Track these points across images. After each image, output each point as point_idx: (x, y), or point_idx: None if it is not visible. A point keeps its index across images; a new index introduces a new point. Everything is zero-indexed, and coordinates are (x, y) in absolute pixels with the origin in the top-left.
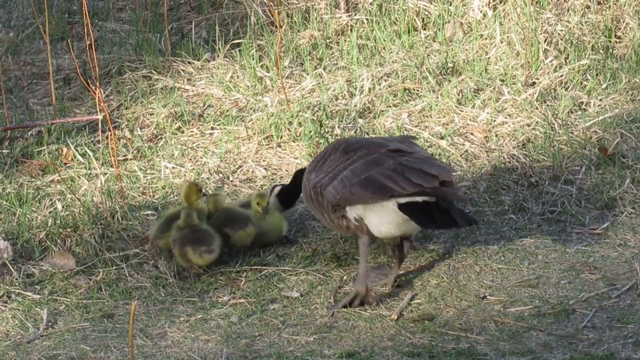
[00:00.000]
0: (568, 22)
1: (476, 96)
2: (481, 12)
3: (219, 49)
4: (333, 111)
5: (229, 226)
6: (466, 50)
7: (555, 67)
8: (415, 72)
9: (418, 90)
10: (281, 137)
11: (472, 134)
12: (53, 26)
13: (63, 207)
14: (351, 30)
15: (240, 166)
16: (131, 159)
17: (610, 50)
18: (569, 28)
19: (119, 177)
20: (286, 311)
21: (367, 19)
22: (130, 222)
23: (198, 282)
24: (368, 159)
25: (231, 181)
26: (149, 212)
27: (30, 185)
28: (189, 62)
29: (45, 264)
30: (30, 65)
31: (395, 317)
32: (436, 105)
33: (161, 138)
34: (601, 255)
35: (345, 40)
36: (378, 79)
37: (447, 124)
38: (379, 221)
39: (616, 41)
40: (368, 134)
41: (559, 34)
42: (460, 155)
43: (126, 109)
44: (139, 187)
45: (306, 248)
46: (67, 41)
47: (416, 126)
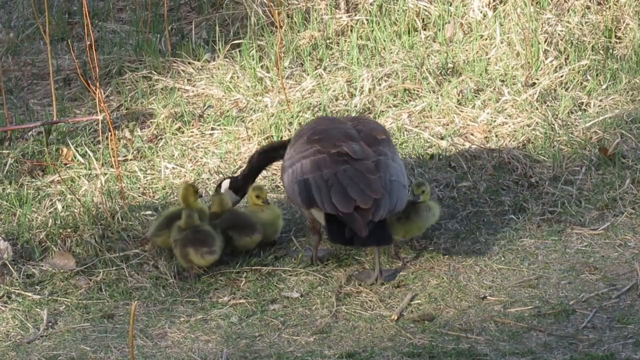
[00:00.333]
0: (568, 23)
1: (476, 96)
2: (481, 13)
3: (219, 50)
4: (333, 112)
5: (236, 231)
6: (466, 50)
7: (555, 68)
8: (415, 73)
9: (418, 90)
10: (281, 138)
11: (472, 135)
12: (53, 26)
13: (63, 208)
14: (351, 30)
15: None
16: (131, 160)
17: (610, 50)
18: (569, 28)
19: (119, 178)
20: (286, 311)
21: (367, 20)
22: (130, 223)
23: (198, 283)
24: (315, 159)
25: None
26: (149, 213)
27: (30, 185)
28: (189, 63)
29: (45, 265)
30: (30, 65)
31: (395, 318)
32: (436, 105)
33: (161, 138)
34: (601, 255)
35: (345, 40)
36: (378, 80)
37: (447, 125)
38: (316, 216)
39: (616, 41)
40: None
41: (559, 35)
42: (460, 155)
43: (126, 110)
44: (139, 188)
45: (305, 249)
46: (67, 41)
47: (416, 126)
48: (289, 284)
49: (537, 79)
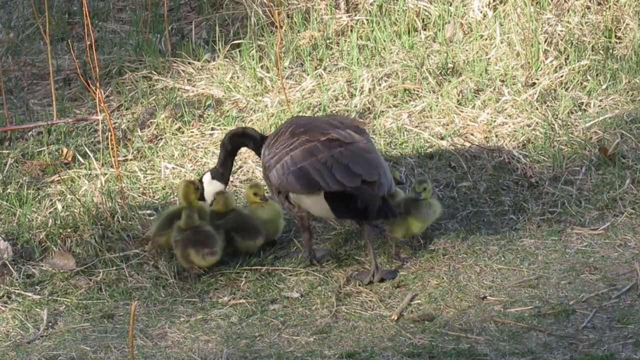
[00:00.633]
0: (568, 23)
1: (476, 97)
2: (481, 13)
3: (219, 50)
4: (333, 112)
5: (240, 234)
6: (466, 50)
7: (555, 68)
8: (415, 73)
9: (418, 90)
10: None
11: (472, 135)
12: (53, 27)
13: (63, 208)
14: (351, 30)
15: (240, 167)
16: (131, 160)
17: (610, 50)
18: (569, 28)
19: (119, 178)
20: (286, 311)
21: (367, 20)
22: (130, 223)
23: (198, 283)
24: (306, 147)
25: (231, 182)
26: (149, 213)
27: (30, 185)
28: (189, 63)
29: (45, 265)
30: (30, 65)
31: (395, 318)
32: (436, 105)
33: (161, 138)
34: (601, 255)
35: (345, 40)
36: (378, 80)
37: (448, 125)
38: (311, 205)
39: (616, 42)
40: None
41: (559, 35)
42: (460, 155)
43: (126, 110)
44: (139, 188)
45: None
46: (67, 41)
47: (416, 127)
48: (289, 284)
49: (537, 79)
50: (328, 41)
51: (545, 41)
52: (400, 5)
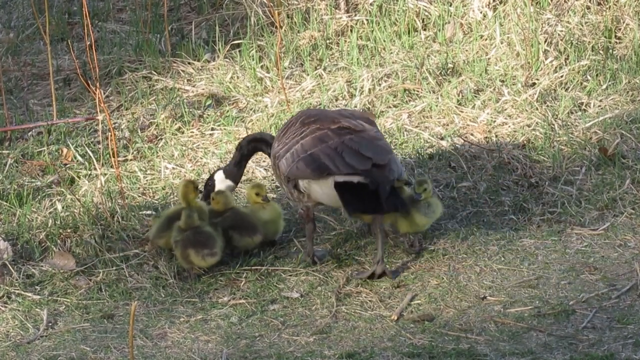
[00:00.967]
0: (568, 23)
1: (476, 97)
2: (481, 13)
3: (219, 50)
4: None
5: (237, 231)
6: (466, 50)
7: (555, 68)
8: (415, 73)
9: (418, 90)
10: None
11: (472, 135)
12: (53, 27)
13: (63, 208)
14: (351, 30)
15: None
16: (131, 160)
17: (610, 50)
18: (569, 29)
19: (119, 178)
20: (286, 312)
21: (367, 20)
22: (130, 223)
23: (198, 283)
24: (316, 135)
25: None
26: (149, 213)
27: (30, 185)
28: (189, 63)
29: (45, 265)
30: (30, 65)
31: (395, 318)
32: (436, 105)
33: (161, 138)
34: (601, 255)
35: (345, 40)
36: (378, 80)
37: (447, 125)
38: (321, 193)
39: (616, 42)
40: None
41: (559, 35)
42: (460, 155)
43: (126, 110)
44: (139, 188)
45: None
46: (67, 42)
47: (416, 127)
48: (289, 284)
49: (537, 79)
50: (328, 41)
51: (545, 41)
52: (400, 5)
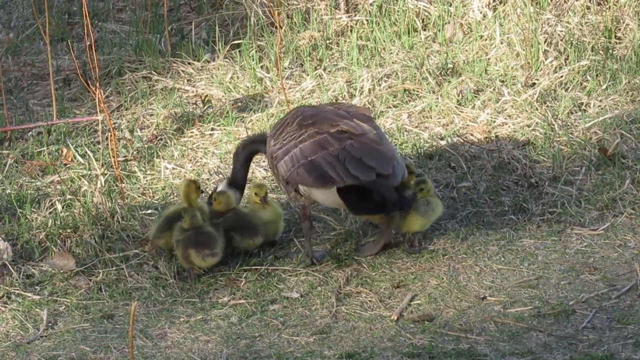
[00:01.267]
0: (568, 23)
1: (476, 97)
2: (481, 13)
3: (219, 50)
4: None
5: (239, 232)
6: (466, 51)
7: (555, 68)
8: (415, 73)
9: (418, 91)
10: None
11: (472, 135)
12: (53, 27)
13: (63, 208)
14: (351, 31)
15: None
16: (131, 160)
17: (610, 51)
18: (569, 29)
19: (119, 178)
20: (286, 312)
21: (367, 20)
22: (130, 223)
23: (198, 283)
24: (316, 140)
25: None
26: (149, 213)
27: (30, 185)
28: (189, 63)
29: (45, 265)
30: (30, 66)
31: (395, 318)
32: (436, 106)
33: (161, 138)
34: (601, 255)
35: (345, 41)
36: (378, 80)
37: (447, 125)
38: (323, 198)
39: (616, 42)
40: None
41: (559, 35)
42: (460, 155)
43: (126, 110)
44: (139, 188)
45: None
46: (67, 42)
47: (416, 127)
48: (289, 284)
49: (537, 79)
50: (328, 41)
51: (545, 41)
52: (400, 5)
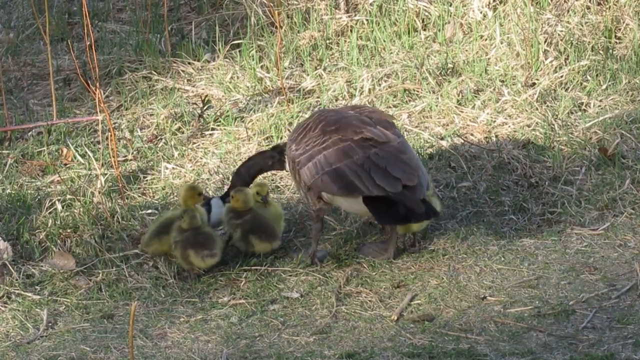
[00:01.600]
0: (568, 23)
1: (476, 97)
2: (481, 13)
3: (219, 50)
4: None
5: (257, 235)
6: (466, 51)
7: (555, 68)
8: (415, 73)
9: (418, 91)
10: (281, 138)
11: (472, 135)
12: (53, 27)
13: (63, 208)
14: (351, 31)
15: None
16: (131, 160)
17: (610, 51)
18: (569, 29)
19: (119, 178)
20: (286, 312)
21: (367, 20)
22: (130, 223)
23: (198, 283)
24: (340, 147)
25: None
26: (149, 212)
27: (30, 185)
28: (189, 63)
29: (45, 265)
30: (30, 65)
31: (395, 318)
32: (436, 106)
33: (161, 138)
34: (601, 255)
35: (345, 41)
36: (378, 80)
37: (447, 125)
38: (347, 206)
39: (616, 42)
40: None
41: (559, 35)
42: (460, 155)
43: (126, 110)
44: (139, 188)
45: (305, 249)
46: (67, 42)
47: (416, 127)
48: (289, 284)
49: (537, 79)
50: (328, 41)
51: (545, 41)
52: (400, 5)
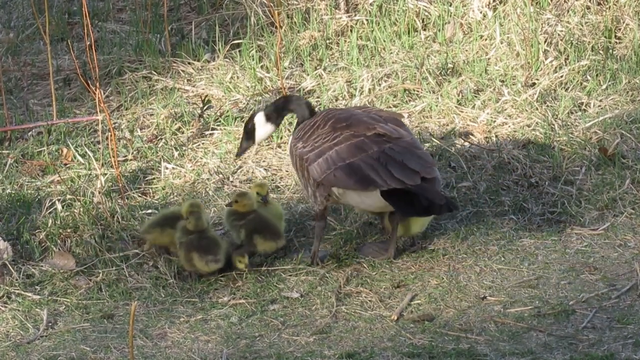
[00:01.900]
0: (568, 23)
1: (476, 97)
2: (481, 13)
3: (219, 50)
4: None
5: (261, 235)
6: (466, 50)
7: (555, 68)
8: (415, 73)
9: (418, 90)
10: (281, 138)
11: (472, 135)
12: (53, 27)
13: (63, 208)
14: (351, 30)
15: (240, 167)
16: (131, 160)
17: (610, 50)
18: (569, 29)
19: (119, 178)
20: (286, 312)
21: (367, 20)
22: (130, 223)
23: (198, 283)
24: (352, 142)
25: (231, 182)
26: (149, 212)
27: (30, 185)
28: (189, 63)
29: (45, 265)
30: (30, 65)
31: (395, 318)
32: (436, 105)
33: (161, 138)
34: (601, 255)
35: (345, 40)
36: (378, 80)
37: (447, 125)
38: (359, 200)
39: (616, 42)
40: None
41: (559, 35)
42: (460, 155)
43: (126, 110)
44: (139, 188)
45: (305, 249)
46: (67, 42)
47: (416, 127)
48: (289, 284)
49: (537, 79)
50: (328, 41)
51: (545, 41)
52: (400, 5)
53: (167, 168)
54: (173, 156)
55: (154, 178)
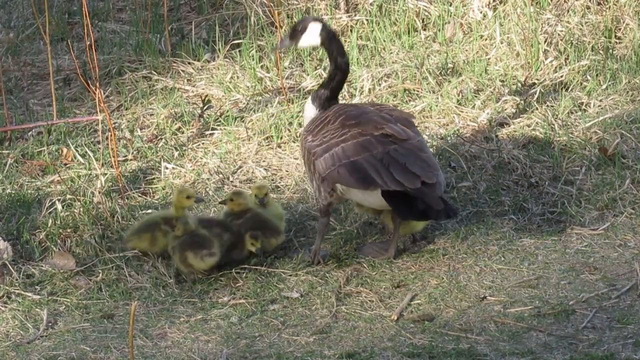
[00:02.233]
0: (568, 23)
1: (476, 97)
2: (481, 13)
3: (219, 50)
4: None
5: (260, 233)
6: (466, 50)
7: (555, 68)
8: (415, 73)
9: (418, 90)
10: (281, 138)
11: (472, 135)
12: (53, 27)
13: (63, 208)
14: (351, 30)
15: (240, 167)
16: (131, 160)
17: (610, 50)
18: (569, 29)
19: (119, 178)
20: (286, 312)
21: (367, 20)
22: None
23: (198, 283)
24: (359, 141)
25: (231, 182)
26: (149, 212)
27: (30, 185)
28: (189, 63)
29: (45, 265)
30: (30, 65)
31: (395, 318)
32: (436, 105)
33: (161, 138)
34: (601, 255)
35: (345, 40)
36: (378, 80)
37: (447, 125)
38: (362, 198)
39: (616, 42)
40: None
41: (559, 35)
42: (460, 155)
43: (126, 110)
44: (139, 188)
45: (305, 249)
46: (67, 42)
47: (416, 127)
48: (289, 284)
49: (537, 79)
50: None
51: (545, 41)
52: (400, 5)
53: (167, 168)
54: (173, 156)
55: (154, 178)
